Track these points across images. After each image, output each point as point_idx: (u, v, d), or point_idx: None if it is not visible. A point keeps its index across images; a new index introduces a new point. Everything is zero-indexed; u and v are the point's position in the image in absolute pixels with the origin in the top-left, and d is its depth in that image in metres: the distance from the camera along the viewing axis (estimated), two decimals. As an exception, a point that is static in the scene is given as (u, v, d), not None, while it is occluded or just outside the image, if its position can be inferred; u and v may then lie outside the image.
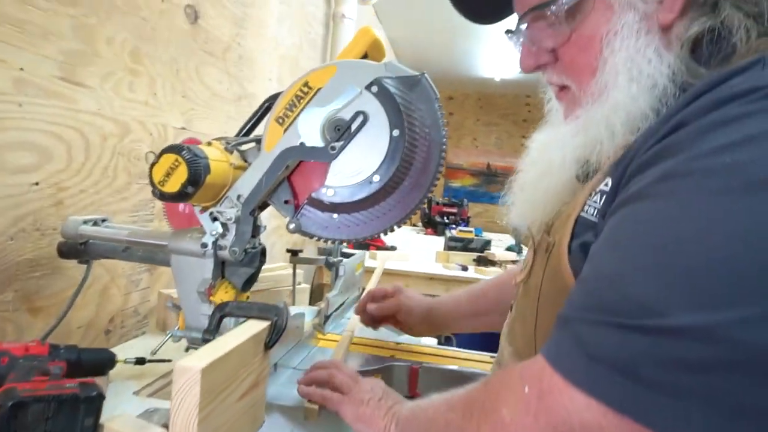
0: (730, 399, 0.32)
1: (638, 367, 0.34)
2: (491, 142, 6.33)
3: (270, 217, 1.65)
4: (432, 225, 3.56)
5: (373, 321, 0.95)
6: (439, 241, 2.98)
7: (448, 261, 2.34)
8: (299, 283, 1.13)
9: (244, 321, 0.61)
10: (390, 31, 4.06)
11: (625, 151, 0.47)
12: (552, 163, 0.54)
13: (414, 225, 4.22)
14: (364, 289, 1.13)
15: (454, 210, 3.77)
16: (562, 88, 0.58)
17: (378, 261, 2.08)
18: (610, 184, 0.47)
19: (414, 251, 2.40)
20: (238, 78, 1.54)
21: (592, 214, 0.48)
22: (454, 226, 3.04)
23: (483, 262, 2.24)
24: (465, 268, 2.24)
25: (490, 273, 2.14)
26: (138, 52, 1.05)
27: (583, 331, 0.38)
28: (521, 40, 0.58)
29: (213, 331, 0.60)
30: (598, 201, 0.47)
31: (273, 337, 0.57)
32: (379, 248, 2.38)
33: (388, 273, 2.10)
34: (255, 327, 0.56)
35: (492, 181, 6.30)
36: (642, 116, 0.48)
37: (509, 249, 2.35)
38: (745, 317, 0.32)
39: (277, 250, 1.89)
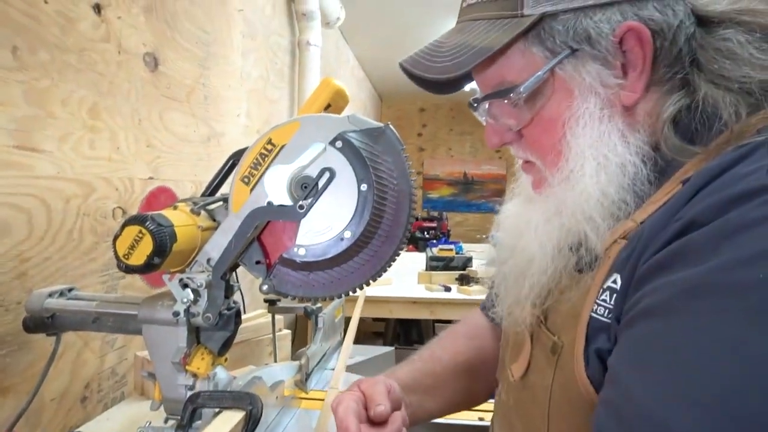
0: None
1: None
2: (466, 150, 6.38)
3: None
4: (413, 241, 3.56)
5: None
6: (420, 258, 2.97)
7: (431, 281, 2.33)
8: (280, 330, 1.11)
9: (219, 412, 0.58)
10: (357, 50, 4.08)
11: (629, 242, 0.45)
12: (531, 253, 0.51)
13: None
14: (345, 333, 1.11)
15: (434, 224, 3.77)
16: (528, 161, 0.56)
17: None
18: (619, 282, 0.44)
19: (396, 272, 2.39)
20: (205, 118, 1.52)
21: (603, 314, 0.45)
22: (434, 241, 3.04)
23: (465, 280, 2.23)
24: (448, 289, 2.23)
25: (473, 292, 2.14)
26: (96, 108, 1.02)
27: None
28: (484, 117, 0.56)
29: (186, 426, 0.58)
30: (608, 299, 0.44)
31: (249, 427, 0.56)
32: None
33: (370, 300, 2.09)
34: (229, 421, 0.54)
35: (469, 190, 6.33)
36: (618, 203, 0.46)
37: (490, 264, 2.35)
38: None
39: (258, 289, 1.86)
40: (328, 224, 0.70)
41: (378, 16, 3.27)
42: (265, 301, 0.99)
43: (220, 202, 0.79)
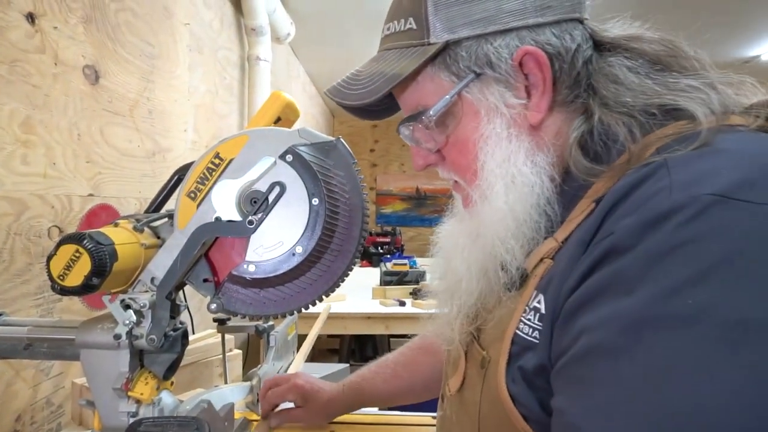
0: None
1: None
2: (418, 166, 6.45)
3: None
4: (367, 256, 3.54)
5: (271, 408, 0.90)
6: (374, 273, 2.96)
7: (385, 296, 2.32)
8: (230, 350, 1.07)
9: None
10: (308, 66, 4.08)
11: (551, 265, 0.46)
12: (459, 275, 0.53)
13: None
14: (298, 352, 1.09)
15: (388, 239, 3.78)
16: (456, 182, 0.58)
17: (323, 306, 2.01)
18: (543, 302, 0.45)
19: (350, 288, 2.37)
20: (150, 133, 1.47)
21: (529, 333, 0.45)
22: (388, 256, 3.04)
23: (420, 294, 2.24)
24: (402, 303, 2.23)
25: (427, 306, 2.15)
26: (30, 121, 0.97)
27: None
28: (409, 141, 0.58)
29: (127, 455, 0.55)
30: (533, 318, 0.45)
31: (196, 453, 0.53)
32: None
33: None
34: (174, 448, 0.51)
35: (422, 205, 6.40)
36: (530, 223, 0.48)
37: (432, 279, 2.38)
38: None
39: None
40: (278, 239, 0.68)
41: (328, 33, 3.28)
42: (215, 320, 0.95)
43: (165, 219, 0.76)
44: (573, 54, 0.48)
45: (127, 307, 0.68)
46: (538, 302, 0.45)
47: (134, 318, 0.68)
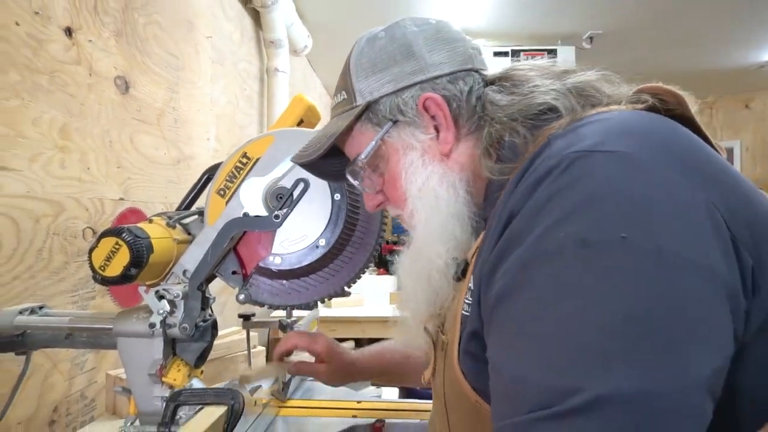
0: None
1: None
2: (433, 175, 6.46)
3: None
4: (383, 264, 3.56)
5: (287, 347, 0.93)
6: (391, 280, 2.99)
7: (402, 301, 2.35)
8: (254, 347, 1.11)
9: (200, 409, 0.59)
10: (324, 77, 4.15)
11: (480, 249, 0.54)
12: (408, 290, 0.61)
13: (365, 265, 4.21)
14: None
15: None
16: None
17: (334, 308, 2.04)
18: (472, 280, 0.53)
19: (368, 294, 2.41)
20: (175, 141, 1.53)
21: (467, 310, 0.54)
22: (404, 263, 3.06)
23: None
24: (419, 307, 2.25)
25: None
26: (67, 128, 1.03)
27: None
28: (360, 188, 0.67)
29: (168, 423, 0.58)
30: (469, 296, 0.54)
31: (231, 422, 0.57)
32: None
33: (342, 321, 2.09)
34: (212, 415, 0.55)
35: (437, 214, 6.41)
36: (452, 229, 0.57)
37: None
38: (637, 370, 0.36)
39: (228, 309, 1.85)
40: (303, 233, 0.72)
41: (344, 45, 3.34)
42: (240, 316, 0.99)
43: (195, 216, 0.80)
44: (467, 94, 0.60)
45: (161, 297, 0.73)
46: (471, 283, 0.53)
47: (168, 308, 0.72)
